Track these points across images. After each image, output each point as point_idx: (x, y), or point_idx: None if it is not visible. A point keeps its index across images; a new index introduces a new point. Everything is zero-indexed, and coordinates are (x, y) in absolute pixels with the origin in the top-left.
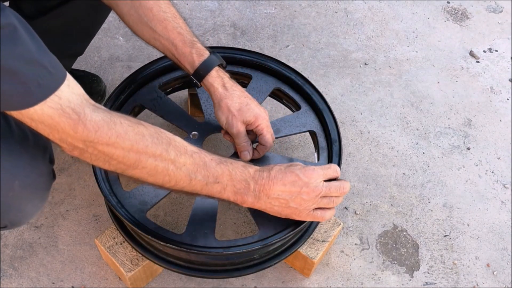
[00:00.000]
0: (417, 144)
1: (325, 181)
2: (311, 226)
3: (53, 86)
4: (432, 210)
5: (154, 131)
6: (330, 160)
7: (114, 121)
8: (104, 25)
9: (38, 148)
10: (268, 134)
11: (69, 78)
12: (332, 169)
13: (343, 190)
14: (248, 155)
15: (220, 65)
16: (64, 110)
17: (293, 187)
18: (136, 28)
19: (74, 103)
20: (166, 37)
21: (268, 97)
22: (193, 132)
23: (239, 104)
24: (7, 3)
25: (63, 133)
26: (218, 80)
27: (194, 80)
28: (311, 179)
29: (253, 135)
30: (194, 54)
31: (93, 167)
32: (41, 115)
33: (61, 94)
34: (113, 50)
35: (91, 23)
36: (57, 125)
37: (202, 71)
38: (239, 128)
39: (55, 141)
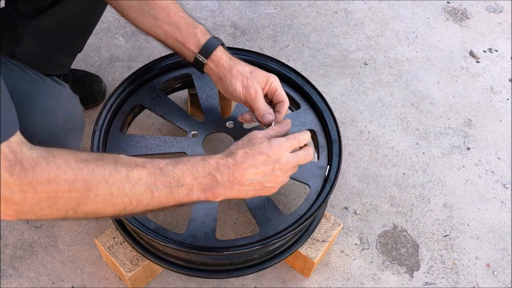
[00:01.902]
0: (417, 144)
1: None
2: (311, 226)
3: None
4: (432, 210)
5: (96, 155)
6: (330, 160)
7: (53, 154)
8: (104, 25)
9: (70, 92)
10: (283, 90)
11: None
12: (297, 140)
13: (309, 157)
14: (271, 117)
15: (223, 45)
16: (2, 150)
17: (265, 166)
18: (136, 19)
19: (12, 141)
20: (169, 22)
21: None
22: (193, 132)
23: (249, 68)
24: (3, 4)
25: None
26: (225, 54)
27: (200, 58)
28: (280, 153)
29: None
30: (199, 34)
31: None
32: None
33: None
34: (113, 50)
35: (88, 19)
36: None
37: (209, 47)
38: (256, 88)
39: None
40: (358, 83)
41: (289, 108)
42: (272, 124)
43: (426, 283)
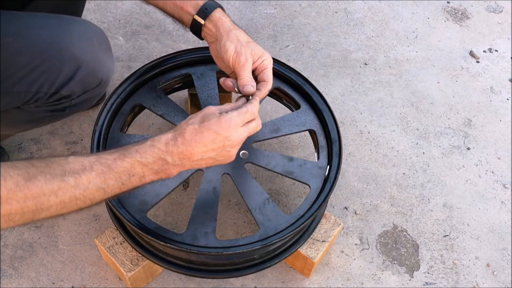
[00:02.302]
0: (417, 144)
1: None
2: (311, 226)
3: None
4: (432, 210)
5: (44, 165)
6: (330, 160)
7: (4, 176)
8: (104, 25)
9: (86, 20)
10: (271, 71)
11: None
12: (250, 113)
13: (258, 127)
14: (252, 89)
15: (222, 9)
16: None
17: (215, 144)
18: None
19: None
20: None
21: (268, 97)
22: None
23: (247, 38)
24: None
25: None
26: (225, 17)
27: (198, 19)
28: (230, 131)
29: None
30: None
31: None
32: None
33: None
34: (113, 50)
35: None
36: None
37: (207, 8)
38: (247, 56)
39: None
40: (358, 83)
41: (289, 108)
42: (250, 98)
43: (426, 283)
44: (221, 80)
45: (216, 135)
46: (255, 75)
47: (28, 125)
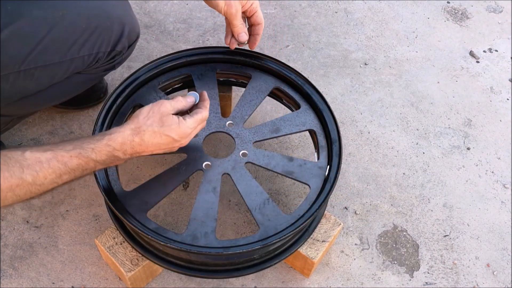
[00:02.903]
0: (417, 144)
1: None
2: (311, 226)
3: None
4: (432, 210)
5: (3, 162)
6: (330, 160)
7: None
8: None
9: None
10: (260, 11)
11: None
12: (204, 122)
13: (203, 126)
14: (246, 36)
15: None
16: None
17: (167, 146)
18: None
19: None
20: None
21: (268, 97)
22: None
23: None
24: None
25: None
26: None
27: None
28: (185, 138)
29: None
30: None
31: None
32: None
33: None
34: None
35: None
36: None
37: None
38: (237, 6)
39: None
40: (358, 83)
41: (289, 108)
42: (246, 44)
43: (426, 283)
44: (231, 42)
45: (172, 140)
46: (247, 17)
47: (81, 88)
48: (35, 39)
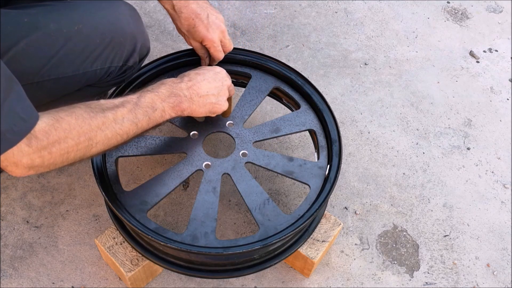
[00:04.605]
0: (417, 144)
1: None
2: (311, 226)
3: (25, 131)
4: (432, 210)
5: (85, 107)
6: (330, 160)
7: (57, 119)
8: None
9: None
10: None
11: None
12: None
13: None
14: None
15: None
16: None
17: (215, 82)
18: None
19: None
20: None
21: (268, 97)
22: (192, 132)
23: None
24: None
25: (19, 154)
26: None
27: None
28: (222, 72)
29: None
30: None
31: (94, 168)
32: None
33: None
34: None
35: None
36: (15, 149)
37: None
38: (217, 41)
39: (7, 168)
40: (358, 83)
41: (289, 108)
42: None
43: (426, 283)
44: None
45: (215, 73)
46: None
47: (88, 98)
48: (50, 52)
